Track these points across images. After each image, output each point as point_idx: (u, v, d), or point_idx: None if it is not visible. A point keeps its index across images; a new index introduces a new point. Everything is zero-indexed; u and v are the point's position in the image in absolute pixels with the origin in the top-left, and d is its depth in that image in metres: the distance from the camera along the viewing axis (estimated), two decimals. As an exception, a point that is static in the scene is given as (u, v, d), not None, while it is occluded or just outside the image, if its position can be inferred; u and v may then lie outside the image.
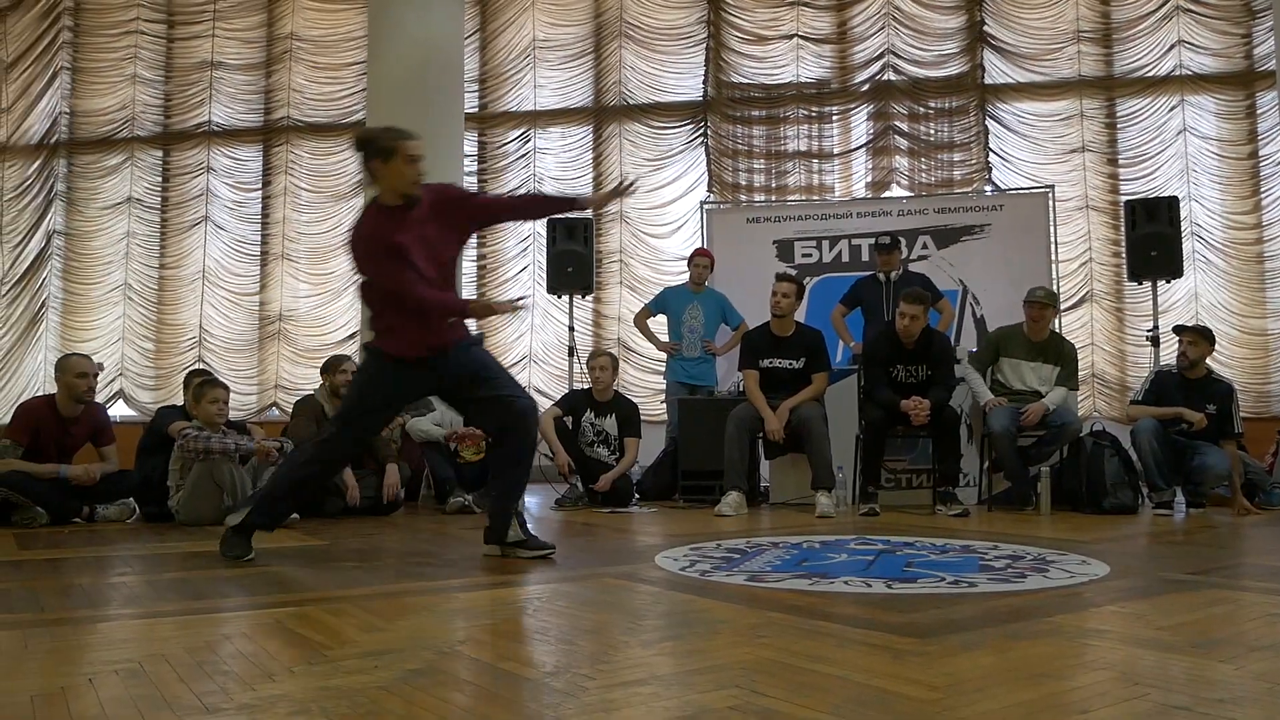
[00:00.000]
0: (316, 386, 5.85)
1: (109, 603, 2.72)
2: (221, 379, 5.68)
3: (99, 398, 5.98)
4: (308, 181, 10.83)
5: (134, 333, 10.96)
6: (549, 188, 10.35)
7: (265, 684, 1.71)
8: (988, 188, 9.53)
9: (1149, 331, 7.41)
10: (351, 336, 10.13)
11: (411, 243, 3.36)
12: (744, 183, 10.10)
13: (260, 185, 10.97)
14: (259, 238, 10.92)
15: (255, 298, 10.84)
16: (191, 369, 8.15)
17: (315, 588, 2.91)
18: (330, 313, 10.64)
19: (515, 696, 1.65)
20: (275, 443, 5.16)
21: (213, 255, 10.96)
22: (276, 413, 10.33)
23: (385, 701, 1.59)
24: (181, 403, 5.64)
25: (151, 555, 3.79)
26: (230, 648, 2.04)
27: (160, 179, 11.14)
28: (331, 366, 5.75)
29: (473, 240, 10.06)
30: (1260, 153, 9.35)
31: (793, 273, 7.07)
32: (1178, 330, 5.84)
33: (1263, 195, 9.31)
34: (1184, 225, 7.92)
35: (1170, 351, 6.59)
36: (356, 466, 5.60)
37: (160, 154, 11.18)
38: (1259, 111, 9.40)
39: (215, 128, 11.05)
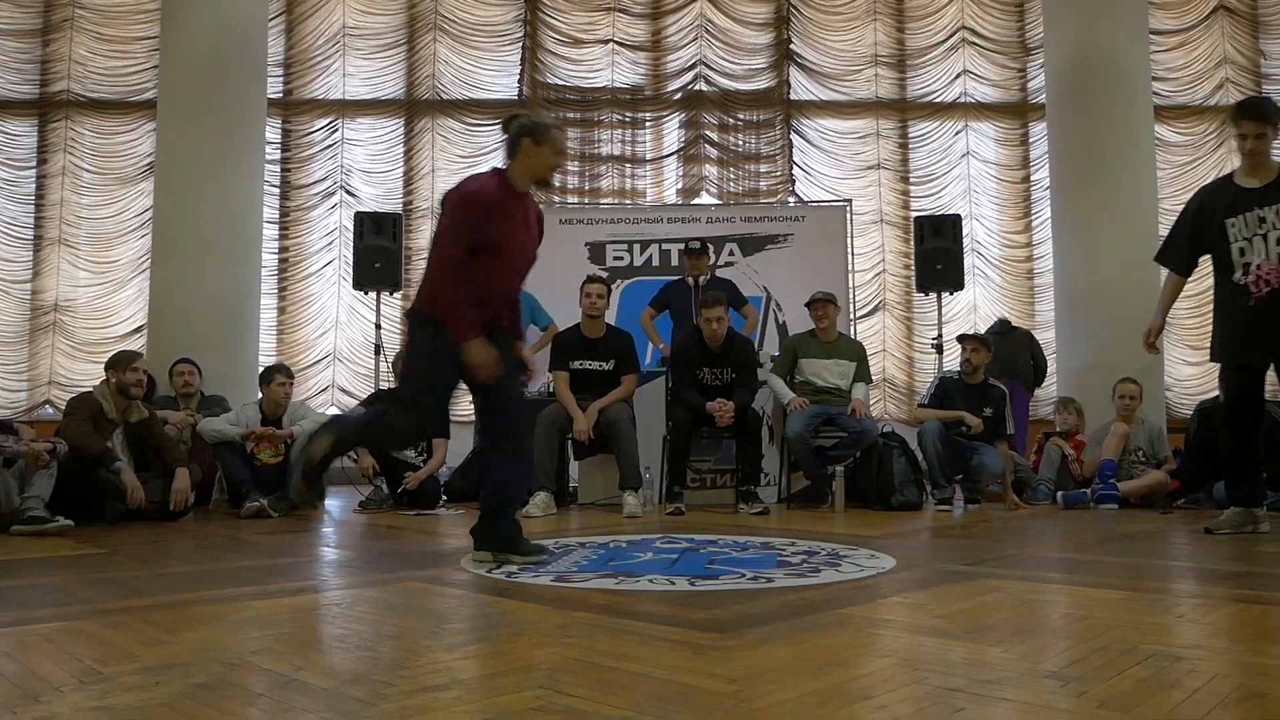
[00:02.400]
0: (96, 383, 5.42)
1: None
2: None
3: None
4: (90, 161, 10.03)
5: (-121, 321, 9.85)
6: (357, 180, 10.04)
7: (29, 706, 1.57)
8: (791, 199, 9.95)
9: (933, 339, 7.94)
10: (138, 330, 9.46)
11: (514, 227, 3.37)
12: (557, 184, 10.11)
13: (35, 163, 10.07)
14: (32, 220, 10.03)
15: (27, 285, 9.95)
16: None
17: (90, 600, 2.70)
18: (113, 304, 9.90)
19: (311, 707, 1.58)
20: (47, 444, 4.75)
21: (-24, 238, 9.99)
22: (50, 411, 9.53)
23: (166, 719, 1.50)
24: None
25: (-104, 568, 3.42)
26: (-12, 667, 1.87)
27: (-86, 150, 10.06)
28: (120, 363, 5.29)
29: (274, 231, 9.69)
30: (1032, 178, 10.21)
31: (604, 274, 7.14)
32: (961, 339, 6.29)
33: (1034, 216, 10.16)
34: (966, 242, 8.54)
35: (952, 358, 7.09)
36: (141, 468, 5.24)
37: (-86, 123, 10.10)
38: (1031, 140, 10.27)
39: (-18, 98, 10.08)
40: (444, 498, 6.24)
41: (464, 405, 8.53)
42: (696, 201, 9.95)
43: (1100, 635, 2.09)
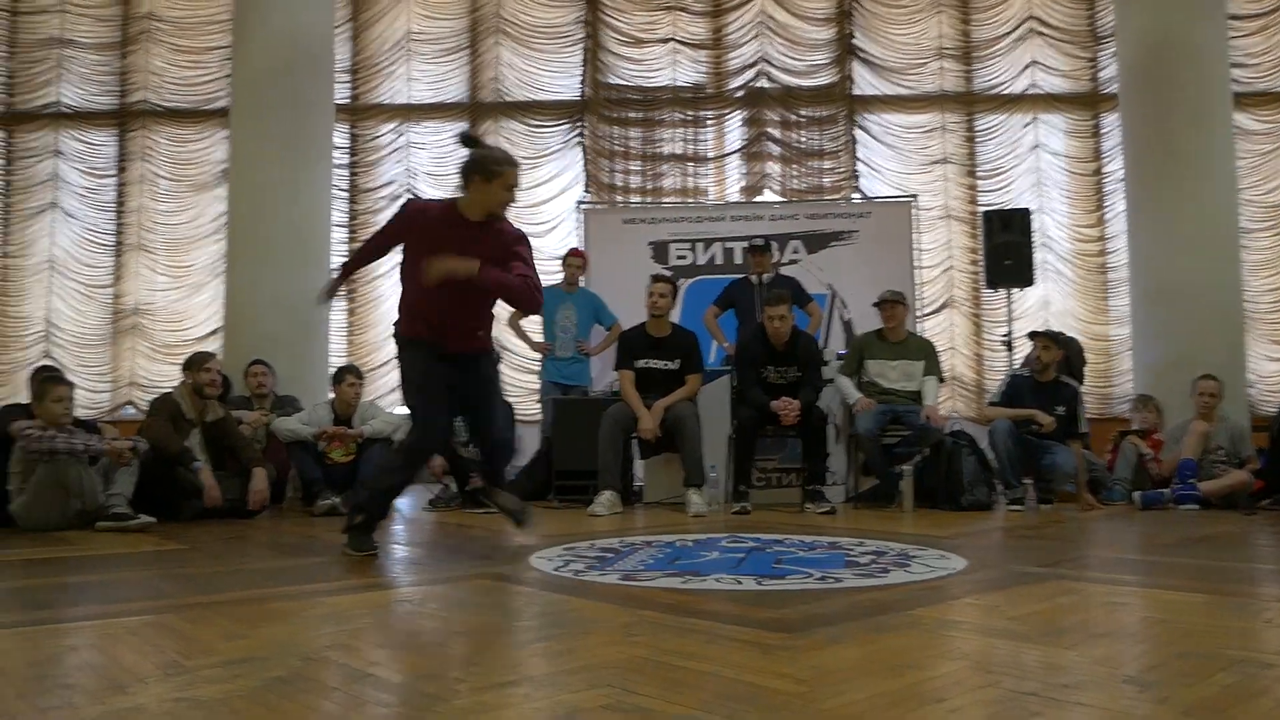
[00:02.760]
0: (175, 384, 5.58)
1: (-59, 614, 2.54)
2: (67, 376, 5.37)
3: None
4: (167, 169, 10.34)
5: (-29, 325, 10.26)
6: (423, 183, 10.18)
7: (115, 697, 1.63)
8: (855, 195, 9.84)
9: (1003, 336, 7.79)
10: (214, 332, 9.71)
11: (454, 246, 3.50)
12: (620, 184, 10.15)
13: (115, 171, 10.41)
14: (114, 227, 10.37)
15: (109, 290, 10.29)
16: (39, 365, 7.68)
17: (172, 595, 2.78)
18: (190, 307, 10.18)
19: (384, 701, 1.61)
20: (128, 442, 4.90)
21: (61, 244, 10.36)
22: (132, 411, 9.84)
23: (247, 711, 1.54)
24: (26, 400, 5.30)
25: (-11, 563, 3.56)
26: (77, 659, 1.93)
27: (3, 161, 10.46)
28: (195, 363, 5.47)
29: (343, 234, 9.87)
30: (1104, 170, 9.95)
31: (668, 274, 7.14)
32: (1032, 335, 6.16)
33: (1105, 210, 9.91)
34: (1035, 236, 8.36)
35: (1022, 356, 6.95)
36: (219, 467, 5.39)
37: (2, 135, 10.50)
38: (1103, 131, 10.01)
39: (65, 109, 10.44)
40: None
41: (529, 404, 8.63)
42: (759, 199, 9.90)
43: (1181, 640, 2.03)
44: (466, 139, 3.78)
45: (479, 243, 3.58)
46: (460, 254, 3.48)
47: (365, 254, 4.02)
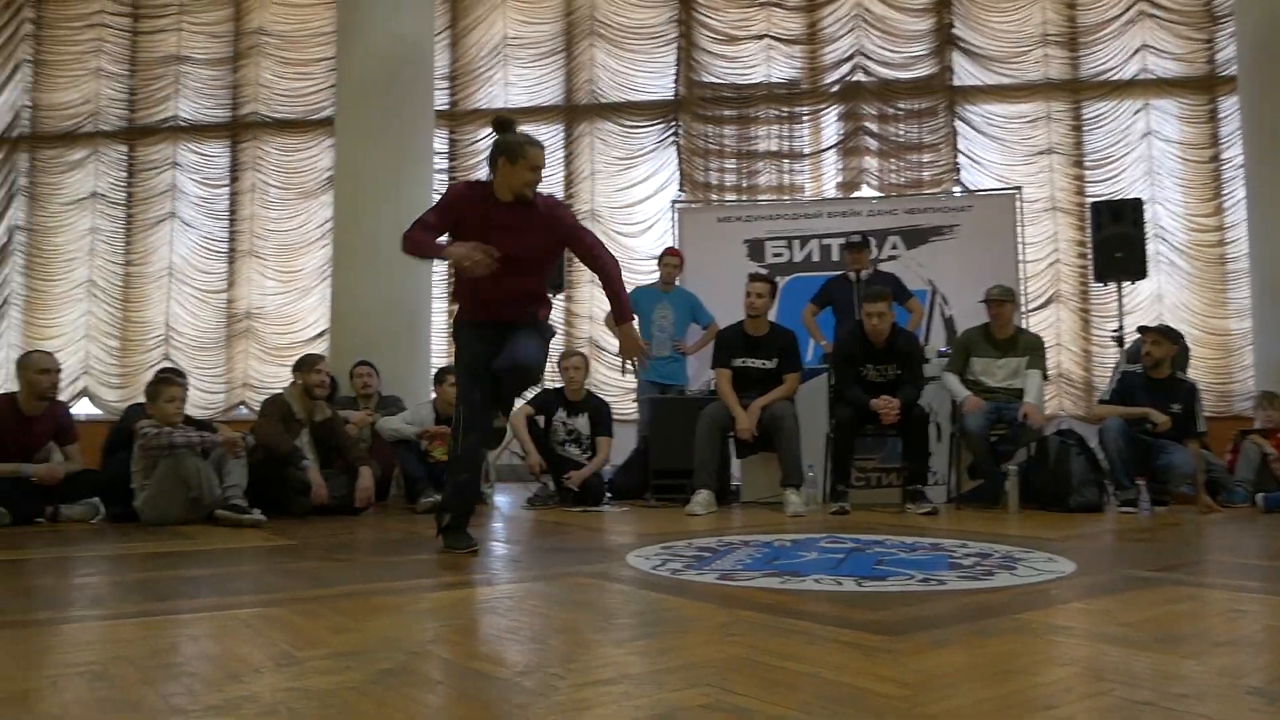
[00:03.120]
0: (286, 385, 5.79)
1: (72, 604, 2.68)
2: (178, 376, 5.60)
3: (61, 396, 5.88)
4: (276, 178, 10.73)
5: (99, 330, 10.82)
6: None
7: (232, 685, 1.69)
8: (956, 188, 9.62)
9: (1114, 332, 7.52)
10: (321, 334, 10.03)
11: (490, 227, 3.65)
12: (715, 182, 10.12)
13: (228, 181, 10.85)
14: (227, 234, 10.81)
15: (223, 295, 10.73)
16: (161, 367, 8.05)
17: (283, 588, 2.88)
18: (298, 310, 10.55)
19: (486, 696, 1.64)
20: (239, 435, 5.10)
21: (179, 252, 10.85)
22: (245, 411, 10.23)
23: (356, 703, 1.58)
24: (147, 401, 5.56)
25: (116, 555, 3.74)
26: (196, 649, 2.02)
27: (125, 174, 11.01)
28: (304, 365, 5.66)
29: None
30: (1221, 156, 9.50)
31: (766, 273, 7.09)
32: (1142, 330, 5.93)
33: (1224, 198, 9.46)
34: (1148, 227, 8.03)
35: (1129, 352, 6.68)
36: (326, 465, 5.56)
37: (125, 149, 11.04)
38: (1220, 116, 9.55)
39: (181, 123, 10.92)
40: (608, 495, 6.34)
41: (625, 404, 8.68)
42: (857, 195, 9.75)
43: (1311, 649, 1.93)
44: (500, 124, 3.83)
45: (522, 223, 3.72)
46: (504, 234, 3.63)
47: (423, 244, 3.83)
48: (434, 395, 6.28)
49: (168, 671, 1.80)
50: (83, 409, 10.38)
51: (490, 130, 3.84)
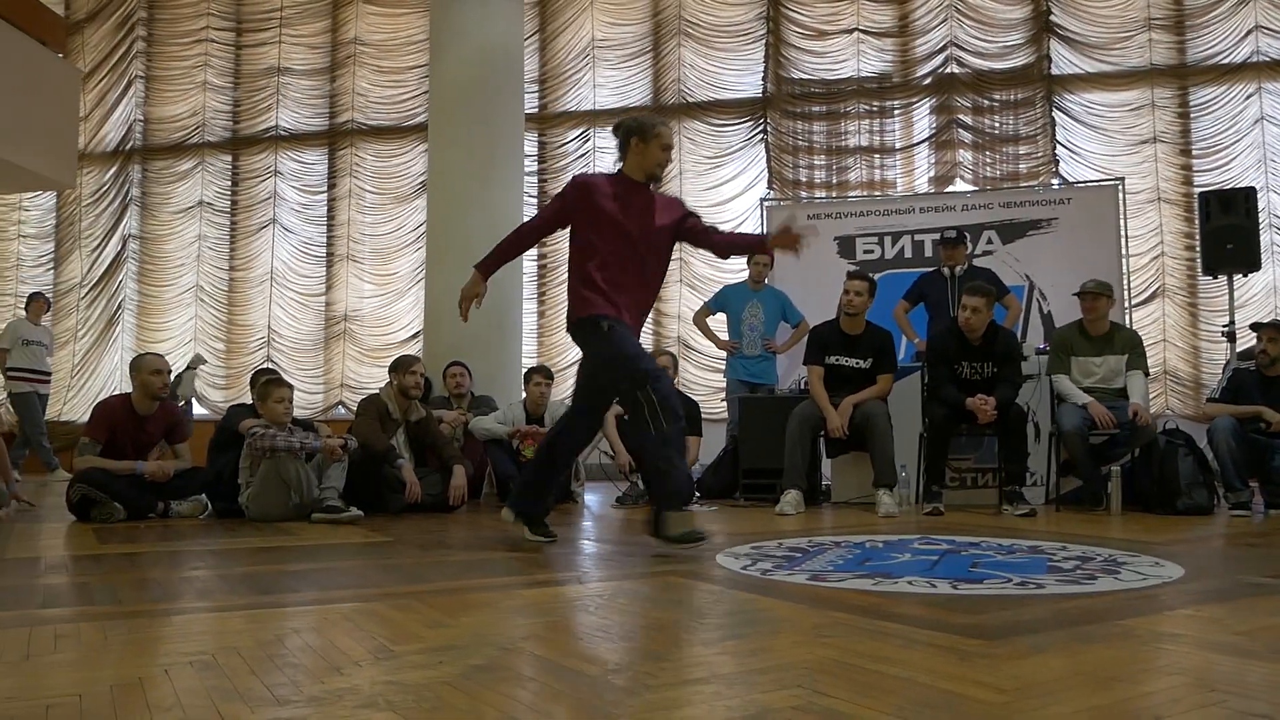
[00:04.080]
0: (381, 385, 5.94)
1: (182, 596, 2.79)
2: (287, 378, 5.79)
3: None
4: (371, 184, 11.01)
5: (205, 333, 11.26)
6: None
7: (333, 677, 1.74)
8: (1055, 181, 9.34)
9: (1225, 327, 7.21)
10: (415, 336, 10.26)
11: (629, 211, 3.70)
12: (804, 179, 10.03)
13: (326, 188, 11.19)
14: (325, 239, 11.14)
15: (321, 298, 11.06)
16: (259, 368, 8.33)
17: (380, 584, 2.96)
18: (394, 313, 10.81)
19: (578, 693, 1.65)
20: (340, 440, 5.24)
21: (280, 257, 11.21)
22: (343, 411, 10.53)
23: (449, 697, 1.61)
24: (251, 401, 5.75)
25: (223, 550, 3.88)
26: (298, 641, 2.08)
27: (230, 183, 11.43)
28: (401, 366, 5.81)
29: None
30: (1343, 141, 9.02)
31: (863, 271, 6.99)
32: (1255, 327, 5.67)
33: (1346, 185, 8.98)
34: (1262, 216, 7.68)
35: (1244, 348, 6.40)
36: (420, 464, 5.68)
37: (229, 158, 11.47)
38: (1341, 97, 9.07)
39: (282, 132, 11.29)
40: (697, 494, 6.33)
41: (714, 403, 8.65)
42: (950, 189, 9.55)
43: None
44: (616, 126, 3.87)
45: (652, 206, 3.76)
46: (640, 218, 3.66)
47: (524, 239, 3.99)
48: (524, 395, 6.36)
49: (272, 662, 1.86)
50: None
51: (623, 127, 3.79)
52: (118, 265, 11.49)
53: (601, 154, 10.48)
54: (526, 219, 3.82)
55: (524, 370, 6.91)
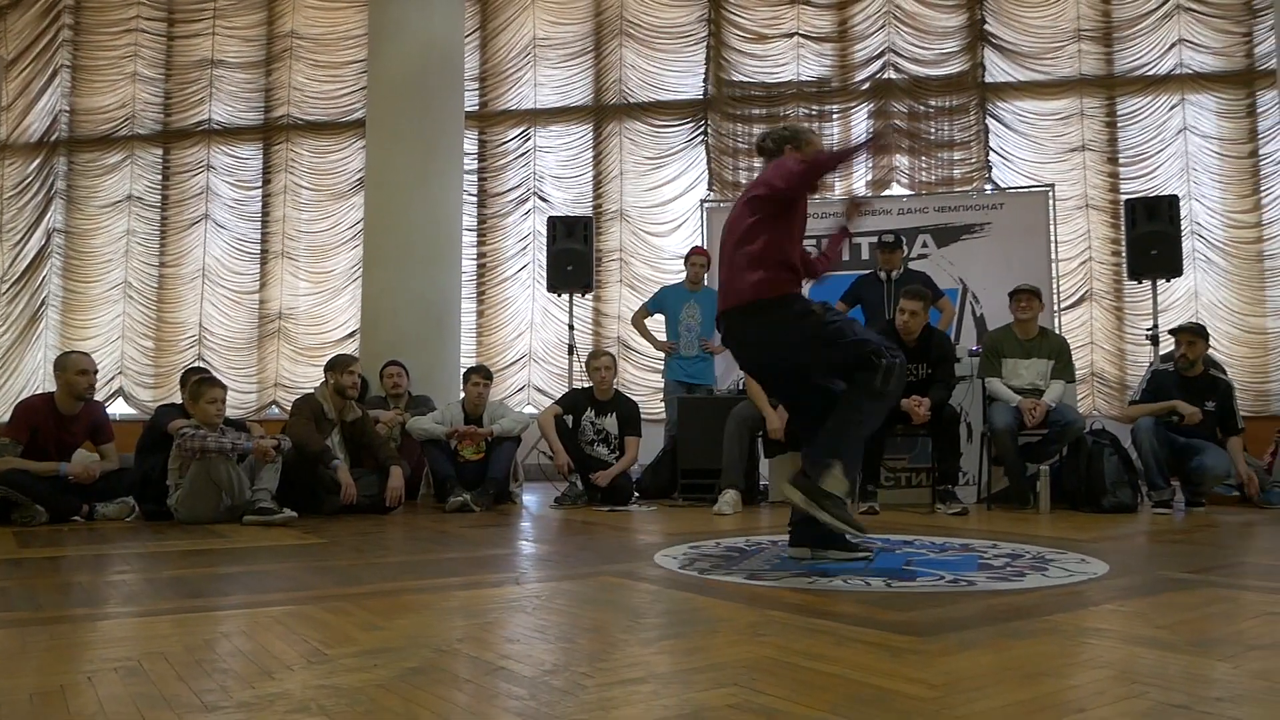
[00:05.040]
0: (316, 385, 5.84)
1: (107, 601, 2.71)
2: (219, 377, 5.66)
3: (97, 395, 5.98)
4: (308, 180, 10.83)
5: (134, 331, 10.97)
6: (549, 186, 10.36)
7: (264, 682, 1.71)
8: (988, 186, 9.53)
9: (1148, 330, 7.42)
10: (351, 335, 10.12)
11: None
12: (745, 181, 10.08)
13: (261, 183, 10.97)
14: (259, 236, 10.93)
15: (255, 296, 10.85)
16: (189, 367, 8.15)
17: (314, 586, 2.91)
18: (330, 311, 10.64)
19: (514, 694, 1.65)
20: (273, 440, 5.15)
21: (213, 253, 10.97)
22: (276, 411, 10.33)
23: (384, 700, 1.59)
24: (180, 401, 5.62)
25: (150, 553, 3.79)
26: (229, 646, 2.04)
27: (160, 177, 11.15)
28: (337, 365, 5.72)
29: (472, 237, 10.13)
30: (1260, 151, 9.34)
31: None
32: (1173, 332, 5.86)
33: (1263, 194, 9.30)
34: (1184, 224, 7.92)
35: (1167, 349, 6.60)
36: (356, 465, 5.61)
37: (160, 152, 11.18)
38: (1259, 110, 9.39)
39: (215, 126, 11.05)
40: (636, 494, 6.34)
41: (655, 403, 8.67)
42: (887, 193, 9.69)
43: (1350, 652, 1.89)
44: (762, 139, 3.75)
45: None
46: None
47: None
48: (462, 395, 6.31)
49: (201, 668, 1.82)
50: (117, 409, 10.52)
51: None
52: (41, 260, 11.14)
53: (542, 153, 10.44)
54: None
55: (463, 370, 6.86)
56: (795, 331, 3.33)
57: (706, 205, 9.36)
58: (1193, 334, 5.70)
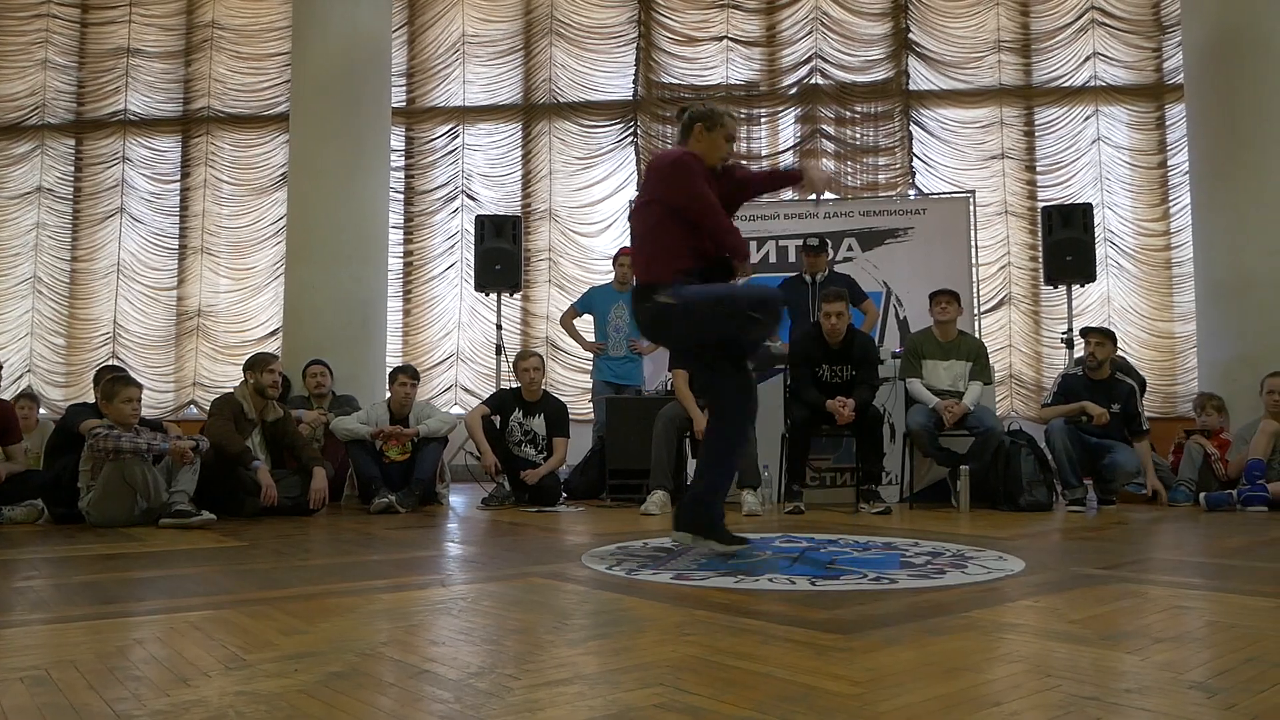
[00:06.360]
0: (237, 384, 5.70)
1: (13, 608, 2.61)
2: (134, 377, 5.50)
3: (4, 394, 5.75)
4: (229, 174, 10.57)
5: (43, 327, 10.59)
6: (477, 184, 10.27)
7: (180, 689, 1.67)
8: (911, 192, 9.72)
9: (1063, 334, 7.65)
10: (273, 333, 9.90)
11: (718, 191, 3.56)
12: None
13: (179, 177, 10.67)
14: (177, 230, 10.63)
15: (173, 292, 10.55)
16: (103, 365, 7.89)
17: (233, 590, 2.84)
18: (251, 309, 10.40)
19: (439, 698, 1.63)
20: (191, 441, 5.01)
21: (128, 248, 10.64)
22: (195, 410, 10.07)
23: (305, 705, 1.56)
24: (93, 400, 5.44)
25: (60, 558, 3.66)
26: (143, 653, 1.98)
27: (73, 169, 10.78)
28: (257, 364, 5.59)
29: (399, 235, 10.00)
30: (1169, 162, 9.70)
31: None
32: (1084, 333, 6.07)
33: (1171, 204, 9.66)
34: (1097, 231, 8.18)
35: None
36: (278, 465, 5.49)
37: (73, 143, 10.82)
38: (1168, 123, 9.75)
39: (131, 117, 10.72)
40: (564, 495, 6.33)
41: (583, 403, 8.67)
42: (813, 197, 9.79)
43: (1250, 645, 1.98)
44: (680, 111, 3.72)
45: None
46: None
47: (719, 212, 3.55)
48: (388, 395, 6.22)
49: (113, 676, 1.76)
50: (27, 408, 10.13)
51: (689, 113, 3.56)
52: (-55, 253, 10.70)
53: (470, 151, 10.35)
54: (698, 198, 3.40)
55: (388, 369, 6.77)
56: (672, 311, 3.42)
57: (636, 206, 9.38)
58: (1101, 335, 5.92)
